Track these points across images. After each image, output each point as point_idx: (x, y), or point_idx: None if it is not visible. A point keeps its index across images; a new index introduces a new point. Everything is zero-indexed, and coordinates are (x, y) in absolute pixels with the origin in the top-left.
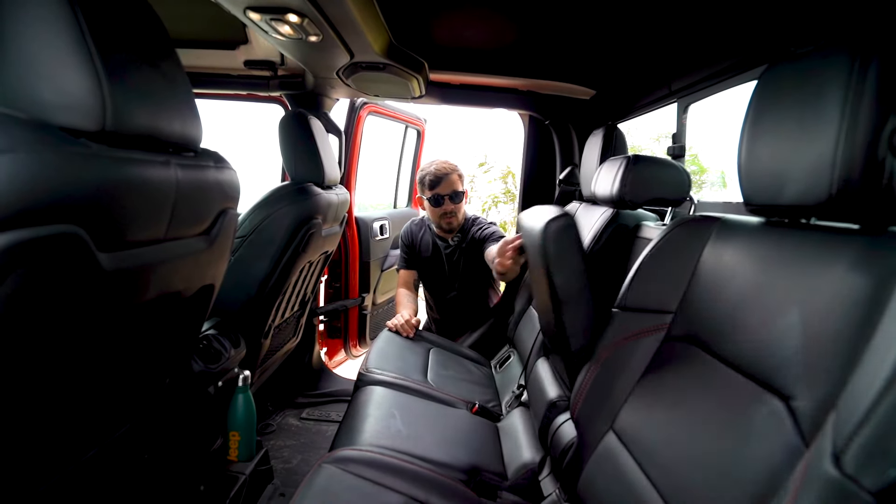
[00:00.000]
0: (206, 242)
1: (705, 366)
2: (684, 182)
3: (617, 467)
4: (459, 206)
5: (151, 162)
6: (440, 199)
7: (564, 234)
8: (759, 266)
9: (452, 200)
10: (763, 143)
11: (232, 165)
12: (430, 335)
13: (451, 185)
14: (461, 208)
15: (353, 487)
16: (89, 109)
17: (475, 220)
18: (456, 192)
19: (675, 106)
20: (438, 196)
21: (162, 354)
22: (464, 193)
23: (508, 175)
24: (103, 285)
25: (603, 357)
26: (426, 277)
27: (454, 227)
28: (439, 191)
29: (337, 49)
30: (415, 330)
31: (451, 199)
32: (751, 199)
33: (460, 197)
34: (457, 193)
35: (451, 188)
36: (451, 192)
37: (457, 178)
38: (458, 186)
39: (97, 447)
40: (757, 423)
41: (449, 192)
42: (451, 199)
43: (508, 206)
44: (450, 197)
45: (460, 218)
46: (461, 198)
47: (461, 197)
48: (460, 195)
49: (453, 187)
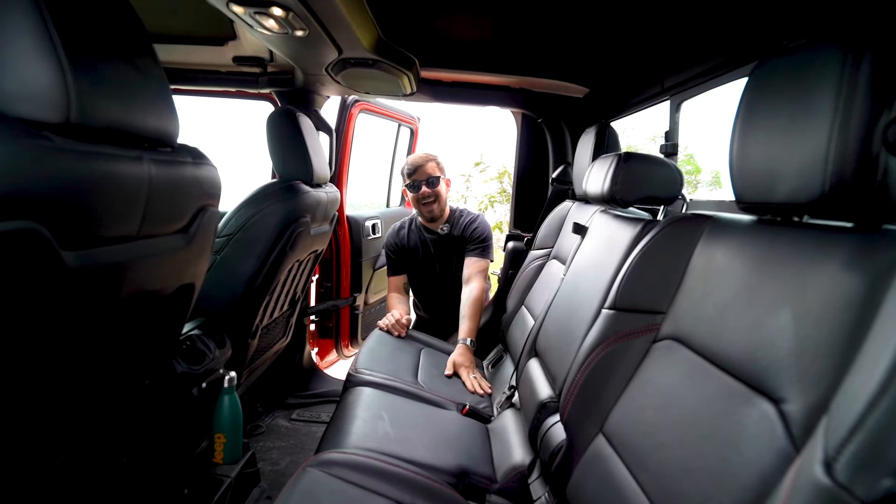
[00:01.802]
0: (184, 241)
1: (696, 367)
2: (676, 180)
3: (606, 471)
4: (437, 190)
5: (122, 157)
6: (418, 185)
7: None
8: (751, 265)
9: (429, 185)
10: (755, 139)
11: (212, 162)
12: (422, 335)
13: (427, 171)
14: (440, 193)
15: (337, 492)
16: (52, 101)
17: (462, 212)
18: (431, 176)
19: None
20: (416, 182)
21: (140, 355)
22: (439, 179)
23: (504, 175)
24: (69, 284)
25: (592, 358)
26: (415, 272)
27: (435, 215)
28: (416, 177)
29: (325, 44)
30: (406, 329)
31: (428, 184)
32: (742, 196)
33: (436, 181)
34: (432, 178)
35: (426, 174)
36: (427, 178)
37: (433, 166)
38: (435, 172)
39: (69, 452)
40: (748, 426)
41: (424, 178)
42: (427, 184)
43: (504, 206)
44: (426, 182)
45: (442, 204)
46: (437, 182)
47: (437, 181)
48: (436, 179)
49: (429, 173)
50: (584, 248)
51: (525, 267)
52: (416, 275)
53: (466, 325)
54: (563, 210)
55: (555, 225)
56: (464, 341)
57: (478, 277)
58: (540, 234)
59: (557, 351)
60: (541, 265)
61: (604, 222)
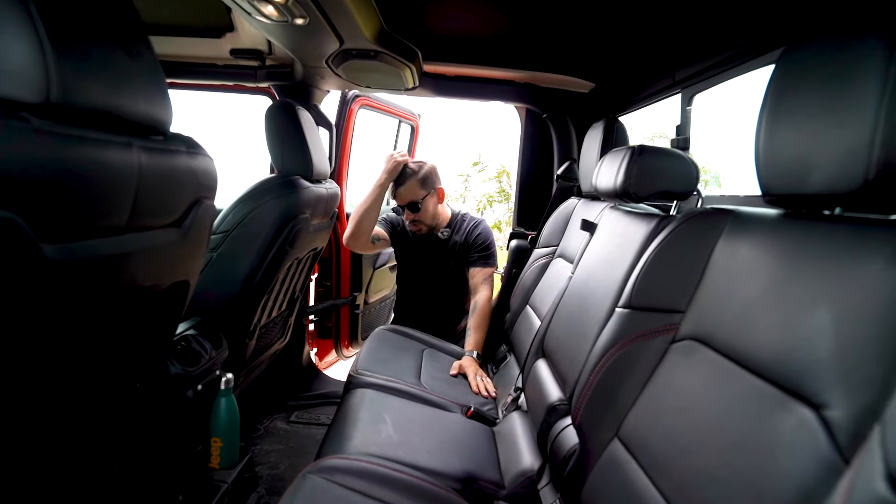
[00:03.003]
0: (178, 235)
1: (720, 369)
2: (692, 174)
3: (624, 478)
4: (419, 215)
5: (109, 142)
6: (400, 209)
7: None
8: (780, 261)
9: (411, 209)
10: (785, 128)
11: (207, 152)
12: (423, 335)
13: (406, 195)
14: (426, 215)
15: (338, 499)
16: (29, 78)
17: (465, 217)
18: (412, 202)
19: (680, 97)
20: (399, 206)
21: (131, 356)
22: (419, 203)
23: (503, 174)
24: (50, 279)
25: (606, 359)
26: (406, 267)
27: (424, 232)
28: (398, 201)
29: (325, 34)
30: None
31: (410, 208)
32: (770, 188)
33: (416, 207)
34: (412, 203)
35: (406, 198)
36: (408, 203)
37: (413, 186)
38: (416, 195)
39: (55, 458)
40: (784, 433)
41: (405, 203)
42: (409, 208)
43: (503, 206)
44: (408, 207)
45: (430, 220)
46: (417, 207)
47: (417, 207)
48: (415, 205)
49: (409, 198)
50: (594, 246)
51: (529, 265)
52: (407, 270)
53: (473, 338)
54: (568, 207)
55: (560, 222)
56: (470, 354)
57: (485, 287)
58: (544, 231)
59: (567, 351)
60: (545, 263)
61: (614, 218)
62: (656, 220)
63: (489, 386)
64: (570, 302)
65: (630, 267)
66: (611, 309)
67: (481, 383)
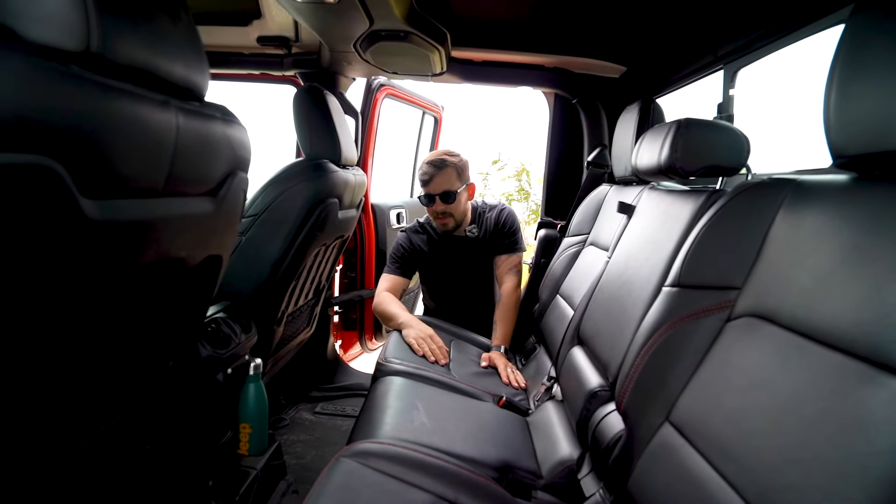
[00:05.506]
0: (212, 205)
1: (789, 345)
2: (743, 147)
3: (679, 464)
4: (453, 207)
5: (148, 98)
6: (431, 198)
7: None
8: (857, 227)
9: (444, 200)
10: (861, 84)
11: (242, 123)
12: (450, 326)
13: (441, 183)
14: (457, 209)
15: (375, 484)
16: (70, 25)
17: (485, 207)
18: (447, 191)
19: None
20: (429, 194)
21: (164, 332)
22: (457, 193)
23: (523, 172)
24: (90, 238)
25: (654, 341)
26: (434, 277)
27: (450, 229)
28: (430, 189)
29: (356, 13)
30: (448, 356)
31: (443, 199)
32: (844, 149)
33: (452, 196)
34: (448, 193)
35: (441, 187)
36: (442, 192)
37: (451, 174)
38: (452, 185)
39: (88, 435)
40: (874, 409)
41: (439, 192)
42: (442, 198)
43: (523, 205)
44: (441, 196)
45: (459, 217)
46: (453, 197)
47: (453, 196)
48: (452, 194)
49: (444, 187)
50: (633, 228)
51: (559, 255)
52: (435, 279)
53: (500, 331)
54: (599, 194)
55: (591, 210)
56: (497, 349)
57: (511, 276)
58: (574, 220)
59: (608, 336)
60: (576, 252)
61: (655, 198)
62: (704, 196)
63: (519, 377)
64: (608, 287)
65: (677, 245)
66: (656, 289)
67: (511, 374)
